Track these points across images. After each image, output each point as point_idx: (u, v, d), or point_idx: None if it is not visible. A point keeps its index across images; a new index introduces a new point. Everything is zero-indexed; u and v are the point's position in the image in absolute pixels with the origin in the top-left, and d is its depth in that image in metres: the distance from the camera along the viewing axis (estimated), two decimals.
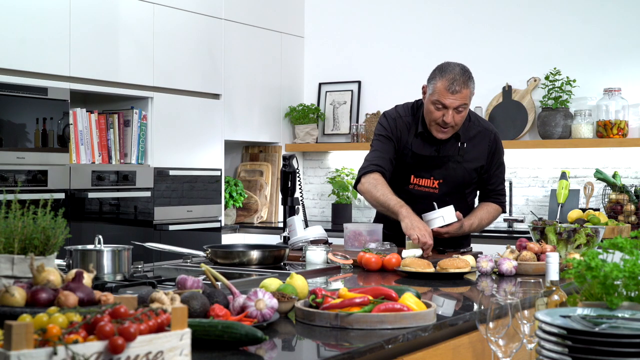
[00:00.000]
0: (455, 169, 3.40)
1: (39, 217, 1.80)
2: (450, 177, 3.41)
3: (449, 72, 3.27)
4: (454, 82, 3.24)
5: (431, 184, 3.41)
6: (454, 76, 3.25)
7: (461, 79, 3.25)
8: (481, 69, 5.54)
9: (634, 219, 4.70)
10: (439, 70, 3.31)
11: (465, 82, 3.26)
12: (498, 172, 3.52)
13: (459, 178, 3.42)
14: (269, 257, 2.89)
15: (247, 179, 5.92)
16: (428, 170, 3.41)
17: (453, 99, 3.25)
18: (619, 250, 1.80)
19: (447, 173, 3.40)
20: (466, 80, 3.27)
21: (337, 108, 6.06)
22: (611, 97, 5.02)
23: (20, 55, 4.20)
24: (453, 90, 3.24)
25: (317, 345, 1.79)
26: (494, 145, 3.47)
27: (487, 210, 3.50)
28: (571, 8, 5.30)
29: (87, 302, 1.55)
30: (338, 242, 3.79)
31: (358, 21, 6.03)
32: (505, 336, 1.83)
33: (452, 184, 3.42)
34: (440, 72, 3.29)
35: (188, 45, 5.17)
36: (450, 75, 3.26)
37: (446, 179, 3.41)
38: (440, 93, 3.26)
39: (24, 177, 4.11)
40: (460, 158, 3.40)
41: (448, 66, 3.31)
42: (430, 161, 3.40)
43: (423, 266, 2.75)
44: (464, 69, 3.32)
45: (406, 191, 3.43)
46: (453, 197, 3.42)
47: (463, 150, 3.40)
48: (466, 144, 3.41)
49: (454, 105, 3.27)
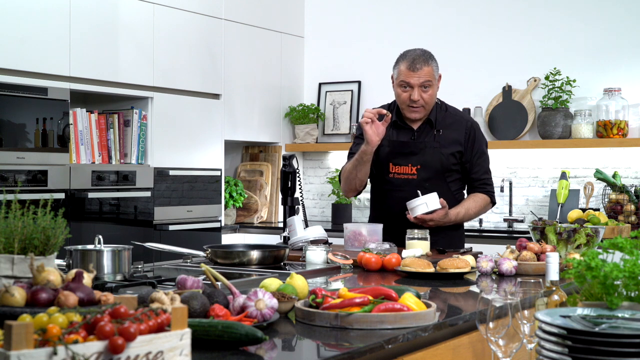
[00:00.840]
0: (432, 154, 3.50)
1: (39, 217, 1.80)
2: (428, 162, 3.50)
3: (409, 54, 3.48)
4: (414, 61, 3.43)
5: (410, 170, 3.51)
6: (415, 56, 3.45)
7: (421, 58, 3.44)
8: (481, 69, 5.55)
9: (634, 219, 4.70)
10: (401, 55, 3.51)
11: (425, 60, 3.44)
12: (480, 161, 3.57)
13: (436, 163, 3.49)
14: (269, 257, 2.89)
15: (247, 179, 5.92)
16: (405, 157, 3.52)
17: (417, 77, 3.42)
18: (619, 250, 1.80)
19: (425, 159, 3.50)
20: (427, 59, 3.45)
21: (337, 108, 6.06)
22: (611, 97, 5.02)
23: (20, 55, 4.20)
24: (414, 68, 3.42)
25: (317, 345, 1.79)
26: (472, 132, 3.55)
27: (474, 200, 3.55)
28: (571, 8, 5.30)
29: (87, 302, 1.55)
30: (338, 242, 3.79)
31: (358, 21, 6.03)
32: (505, 336, 1.83)
33: (430, 169, 3.50)
34: (402, 56, 3.50)
35: (188, 45, 5.17)
36: (410, 56, 3.46)
37: (424, 165, 3.50)
38: (404, 73, 3.44)
39: (24, 177, 4.11)
40: (437, 144, 3.50)
41: (409, 50, 3.52)
42: (407, 147, 3.52)
43: (423, 266, 2.75)
44: (424, 50, 3.51)
45: (387, 181, 3.55)
46: (433, 183, 3.49)
47: (439, 137, 3.51)
48: (442, 131, 3.52)
49: (419, 83, 3.43)
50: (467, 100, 5.56)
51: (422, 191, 3.40)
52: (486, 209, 3.61)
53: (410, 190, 3.45)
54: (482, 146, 3.58)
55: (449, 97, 5.47)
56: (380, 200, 3.61)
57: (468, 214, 3.51)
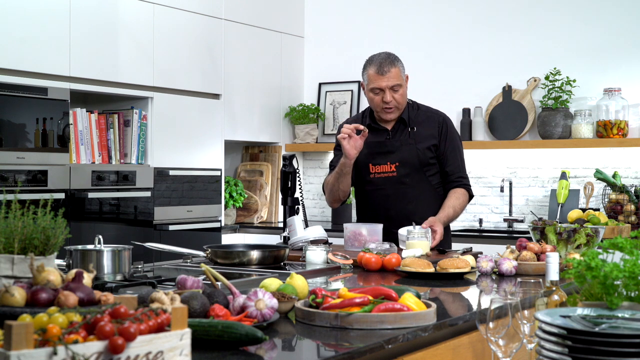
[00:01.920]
0: (408, 150, 3.60)
1: (39, 217, 1.80)
2: (405, 158, 3.59)
3: (375, 59, 3.58)
4: (381, 65, 3.53)
5: (389, 168, 3.61)
6: (380, 60, 3.55)
7: (387, 61, 3.54)
8: (481, 69, 5.55)
9: (634, 219, 4.70)
10: (368, 61, 3.61)
11: (392, 62, 3.54)
12: (453, 155, 3.64)
13: (413, 159, 3.59)
14: (269, 257, 2.89)
15: (247, 179, 5.92)
16: (383, 156, 3.62)
17: (386, 80, 3.52)
18: (619, 250, 1.80)
19: (402, 155, 3.60)
20: (392, 61, 3.55)
21: (337, 108, 6.06)
22: (611, 97, 5.02)
23: (20, 55, 4.20)
24: (382, 72, 3.52)
25: (317, 345, 1.79)
26: (444, 126, 3.65)
27: (456, 197, 3.60)
28: (571, 8, 5.30)
29: (87, 302, 1.55)
30: (338, 242, 3.79)
31: (358, 21, 6.03)
32: (505, 336, 1.83)
33: (408, 165, 3.59)
34: (369, 62, 3.60)
35: (188, 45, 5.17)
36: (376, 61, 3.56)
37: (402, 161, 3.60)
38: (373, 79, 3.55)
39: (24, 177, 4.11)
40: (412, 140, 3.60)
41: (374, 55, 3.61)
42: (384, 146, 3.62)
43: (423, 266, 2.75)
44: (389, 53, 3.61)
45: (369, 181, 3.64)
46: (413, 178, 3.59)
47: (413, 134, 3.61)
48: (416, 128, 3.63)
49: (389, 85, 3.53)
50: (467, 100, 5.56)
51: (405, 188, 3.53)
52: (467, 202, 3.68)
53: (391, 187, 3.59)
54: (455, 141, 3.67)
55: (448, 97, 5.51)
56: (364, 201, 3.71)
57: (455, 212, 3.58)
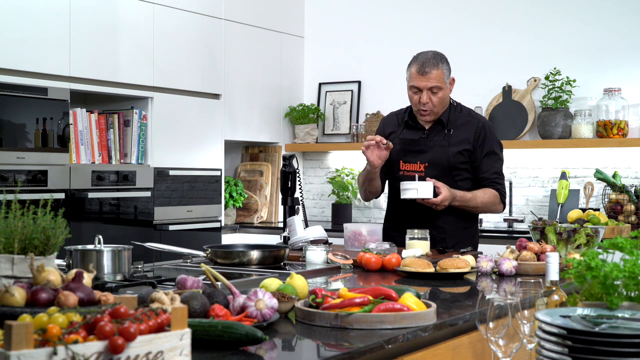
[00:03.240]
0: (440, 152, 3.53)
1: (39, 217, 1.80)
2: (436, 160, 3.53)
3: (420, 57, 3.51)
4: (424, 65, 3.46)
5: (418, 167, 3.55)
6: (425, 60, 3.48)
7: (431, 62, 3.47)
8: (481, 69, 5.55)
9: (634, 219, 4.69)
10: (413, 59, 3.55)
11: (435, 64, 3.46)
12: (490, 161, 3.55)
13: (443, 161, 3.52)
14: (269, 257, 2.89)
15: (247, 179, 5.92)
16: (415, 155, 3.57)
17: (425, 81, 3.45)
18: (619, 250, 1.80)
19: (433, 157, 3.53)
20: (436, 62, 3.47)
21: (337, 108, 6.06)
22: (611, 97, 5.02)
23: (20, 55, 4.20)
24: (423, 72, 3.45)
25: (317, 345, 1.79)
26: (482, 132, 3.55)
27: (484, 191, 3.52)
28: (571, 8, 5.30)
29: (87, 302, 1.55)
30: (338, 242, 3.79)
31: (358, 21, 6.03)
32: (505, 336, 1.83)
33: (438, 166, 3.52)
34: (414, 59, 3.54)
35: (188, 45, 5.17)
36: (421, 59, 3.49)
37: (431, 162, 3.53)
38: (414, 77, 3.49)
39: (24, 177, 4.11)
40: (445, 142, 3.53)
41: (420, 53, 3.55)
42: (417, 145, 3.57)
43: (423, 266, 2.75)
44: (436, 53, 3.54)
45: (397, 178, 3.59)
46: (441, 181, 3.47)
47: (449, 136, 3.54)
48: (452, 131, 3.55)
49: (427, 87, 3.46)
50: (467, 100, 5.49)
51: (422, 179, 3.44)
52: (495, 207, 3.56)
53: None
54: (492, 146, 3.56)
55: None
56: (393, 196, 3.66)
57: (475, 200, 3.47)
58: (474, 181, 3.57)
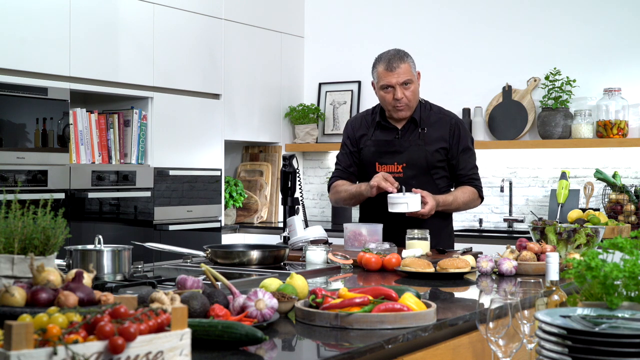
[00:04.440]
0: (417, 152, 3.51)
1: (39, 217, 1.80)
2: (413, 160, 3.51)
3: (384, 56, 3.52)
4: (390, 61, 3.47)
5: (395, 169, 3.53)
6: (390, 57, 3.49)
7: (396, 57, 3.49)
8: (481, 69, 5.55)
9: (634, 219, 4.70)
10: (377, 59, 3.56)
11: (401, 58, 3.49)
12: (466, 157, 3.56)
13: (421, 160, 3.51)
14: (269, 257, 2.89)
15: (247, 179, 5.92)
16: (391, 156, 3.55)
17: (396, 76, 3.46)
18: (619, 250, 1.80)
19: (410, 156, 3.52)
20: (402, 57, 3.50)
21: (337, 108, 6.06)
22: (611, 97, 5.02)
23: (20, 55, 4.20)
24: (392, 68, 3.46)
25: (317, 345, 1.79)
26: (456, 129, 3.56)
27: (462, 191, 3.54)
28: (571, 8, 5.30)
29: (87, 302, 1.55)
30: (338, 242, 3.79)
31: (358, 21, 6.03)
32: (505, 336, 1.83)
33: (416, 166, 3.51)
34: (378, 60, 3.55)
35: (188, 45, 5.17)
36: (385, 57, 3.50)
37: (409, 163, 3.51)
38: (383, 75, 3.49)
39: (24, 177, 4.11)
40: (421, 142, 3.52)
41: (383, 53, 3.56)
42: (392, 146, 3.55)
43: (423, 266, 2.75)
44: (398, 49, 3.56)
45: None
46: (419, 180, 3.49)
47: (423, 135, 3.53)
48: (427, 129, 3.54)
49: (399, 81, 3.47)
50: (467, 100, 5.56)
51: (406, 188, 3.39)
52: (474, 203, 3.61)
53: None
54: (467, 142, 3.58)
55: (448, 97, 5.50)
56: (367, 200, 3.56)
57: (456, 202, 3.50)
58: (450, 178, 3.60)
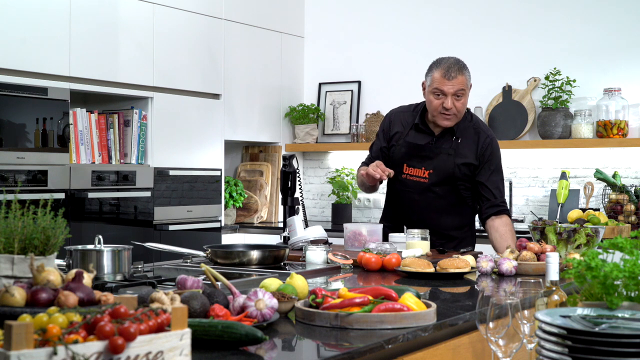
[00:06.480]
0: (445, 160, 3.50)
1: (39, 217, 1.80)
2: (440, 168, 3.50)
3: (444, 62, 3.47)
4: (449, 70, 3.42)
5: (422, 173, 3.53)
6: (449, 65, 3.45)
7: (456, 67, 3.45)
8: (481, 69, 5.55)
9: (634, 219, 4.69)
10: (435, 63, 3.50)
11: (460, 70, 3.45)
12: (497, 179, 3.51)
13: (448, 170, 3.49)
14: (269, 257, 2.89)
15: (247, 179, 5.92)
16: (420, 160, 3.54)
17: (451, 85, 3.42)
18: (619, 250, 1.80)
19: (438, 164, 3.50)
20: (461, 68, 3.46)
21: (337, 108, 6.06)
22: (611, 97, 5.02)
23: (20, 55, 4.20)
24: (449, 76, 3.42)
25: (317, 345, 1.79)
26: (487, 148, 3.51)
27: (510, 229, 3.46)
28: (571, 8, 5.30)
29: (87, 302, 1.55)
30: (338, 242, 3.79)
31: (358, 21, 6.03)
32: (505, 336, 1.83)
33: (442, 175, 3.50)
34: (436, 64, 3.49)
35: (188, 45, 5.17)
36: (445, 64, 3.45)
37: (436, 170, 3.50)
38: (438, 81, 3.43)
39: (24, 177, 4.11)
40: (452, 151, 3.50)
41: (443, 58, 3.51)
42: (423, 151, 3.53)
43: (423, 266, 2.75)
44: (458, 59, 3.51)
45: (400, 180, 3.57)
46: (442, 188, 3.50)
47: (456, 144, 3.50)
48: (460, 139, 3.52)
49: (452, 91, 3.43)
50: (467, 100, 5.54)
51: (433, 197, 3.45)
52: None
53: (420, 192, 3.51)
54: (499, 163, 3.56)
55: None
56: (392, 198, 3.65)
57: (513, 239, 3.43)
58: (472, 190, 3.55)
